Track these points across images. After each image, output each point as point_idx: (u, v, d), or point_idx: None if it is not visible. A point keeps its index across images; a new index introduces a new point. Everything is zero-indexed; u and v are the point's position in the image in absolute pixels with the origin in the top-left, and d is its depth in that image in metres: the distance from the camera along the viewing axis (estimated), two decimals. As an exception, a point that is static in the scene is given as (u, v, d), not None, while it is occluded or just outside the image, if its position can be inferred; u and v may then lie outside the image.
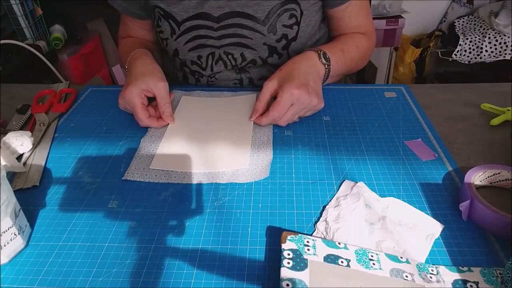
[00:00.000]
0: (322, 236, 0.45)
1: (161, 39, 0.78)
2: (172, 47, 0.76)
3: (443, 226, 0.46)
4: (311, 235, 0.45)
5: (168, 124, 0.66)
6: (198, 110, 0.70)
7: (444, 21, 2.08)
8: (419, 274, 0.40)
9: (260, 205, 0.50)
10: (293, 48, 0.75)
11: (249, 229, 0.47)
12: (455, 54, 1.90)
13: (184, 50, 0.76)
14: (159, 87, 0.65)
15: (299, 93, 0.61)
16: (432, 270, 0.41)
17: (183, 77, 0.84)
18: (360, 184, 0.52)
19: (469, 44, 1.87)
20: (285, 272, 0.39)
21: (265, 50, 0.74)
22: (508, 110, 0.65)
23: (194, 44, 0.74)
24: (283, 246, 0.42)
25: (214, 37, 0.73)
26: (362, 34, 0.79)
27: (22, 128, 0.67)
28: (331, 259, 0.41)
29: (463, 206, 0.46)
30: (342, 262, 0.41)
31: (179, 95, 0.74)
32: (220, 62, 0.76)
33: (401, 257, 0.42)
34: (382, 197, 0.50)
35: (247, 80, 0.79)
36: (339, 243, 0.43)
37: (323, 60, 0.68)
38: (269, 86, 0.65)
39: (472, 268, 0.41)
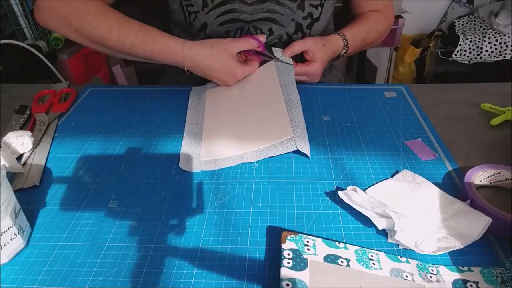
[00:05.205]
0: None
1: (189, 12, 0.75)
2: (200, 21, 0.75)
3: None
4: (311, 235, 0.45)
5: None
6: (226, 92, 0.71)
7: (444, 21, 2.08)
8: (419, 274, 0.40)
9: (260, 205, 0.50)
10: (315, 29, 0.78)
11: (249, 229, 0.47)
12: (455, 54, 1.90)
13: (214, 24, 0.74)
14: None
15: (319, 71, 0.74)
16: (432, 270, 0.41)
17: None
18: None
19: (469, 44, 1.87)
20: (285, 272, 0.39)
21: (292, 27, 0.76)
22: (508, 110, 0.65)
23: (226, 18, 0.74)
24: (283, 246, 0.42)
25: (247, 11, 0.74)
26: (381, 13, 0.84)
27: (22, 128, 0.67)
28: (331, 259, 0.41)
29: (463, 206, 0.46)
30: (342, 262, 0.41)
31: (201, 90, 0.75)
32: None
33: (401, 257, 0.42)
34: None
35: None
36: (339, 243, 0.43)
37: (343, 52, 0.78)
38: (308, 42, 0.73)
39: (472, 268, 0.41)
